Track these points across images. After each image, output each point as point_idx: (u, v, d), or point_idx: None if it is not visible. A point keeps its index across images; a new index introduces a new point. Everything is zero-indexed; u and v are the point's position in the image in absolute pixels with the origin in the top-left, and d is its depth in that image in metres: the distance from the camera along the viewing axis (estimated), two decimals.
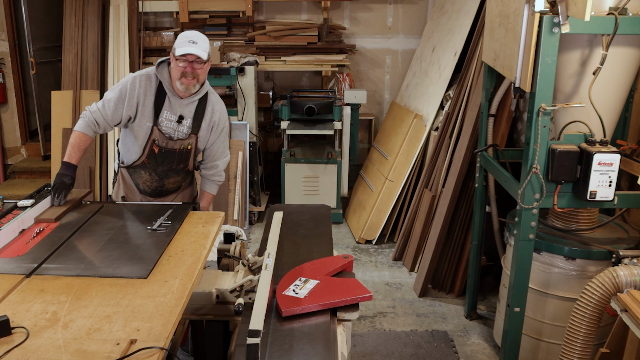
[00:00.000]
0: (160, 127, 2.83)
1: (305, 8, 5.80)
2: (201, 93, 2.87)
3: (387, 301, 3.95)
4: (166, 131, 2.84)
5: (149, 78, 2.82)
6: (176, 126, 2.85)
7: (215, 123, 2.95)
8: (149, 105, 2.80)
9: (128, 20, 5.27)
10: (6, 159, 6.07)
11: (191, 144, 2.89)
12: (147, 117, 2.81)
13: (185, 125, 2.87)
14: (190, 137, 2.88)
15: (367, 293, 2.11)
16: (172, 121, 2.84)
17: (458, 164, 3.86)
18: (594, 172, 2.53)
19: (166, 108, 2.83)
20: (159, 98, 2.81)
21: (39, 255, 2.20)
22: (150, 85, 2.81)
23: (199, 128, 2.89)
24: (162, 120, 2.83)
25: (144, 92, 2.79)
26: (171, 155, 2.89)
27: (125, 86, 2.80)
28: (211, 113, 2.92)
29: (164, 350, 1.65)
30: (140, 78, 2.81)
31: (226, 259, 2.63)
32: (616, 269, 2.31)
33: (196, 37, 2.72)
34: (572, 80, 2.68)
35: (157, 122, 2.82)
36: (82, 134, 2.82)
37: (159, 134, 2.83)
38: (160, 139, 2.84)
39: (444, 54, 4.83)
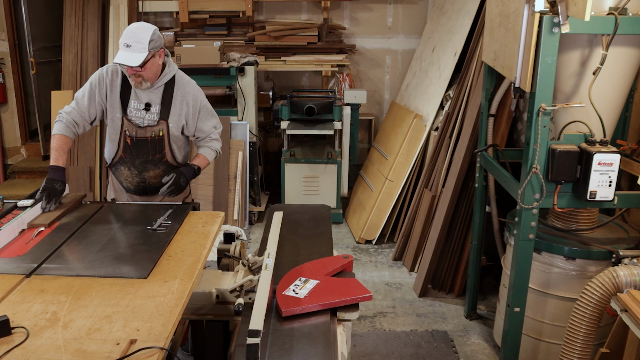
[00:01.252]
0: (129, 117, 2.84)
1: (305, 8, 5.80)
2: (165, 79, 2.84)
3: (387, 301, 3.95)
4: (135, 120, 2.84)
5: (115, 70, 2.84)
6: (144, 114, 2.84)
7: (189, 106, 2.90)
8: (117, 96, 2.83)
9: (128, 20, 5.27)
10: (6, 159, 6.07)
11: (162, 130, 2.86)
12: (117, 108, 2.83)
13: (153, 112, 2.85)
14: (159, 123, 2.85)
15: (367, 293, 2.11)
16: (139, 110, 2.84)
17: (458, 164, 3.86)
18: (594, 172, 2.53)
19: (133, 97, 2.83)
20: (125, 88, 2.82)
21: (39, 255, 2.20)
22: (116, 76, 2.83)
23: (168, 114, 2.86)
24: (130, 110, 2.84)
25: (111, 82, 2.82)
26: (144, 145, 2.87)
27: (95, 79, 2.83)
28: (181, 97, 2.88)
29: (164, 350, 1.65)
30: (107, 69, 2.84)
31: (226, 259, 2.63)
32: (616, 269, 2.31)
33: (132, 38, 2.64)
34: (572, 80, 2.68)
35: (126, 113, 2.84)
36: (62, 136, 2.78)
37: (128, 124, 2.84)
38: (130, 129, 2.84)
39: (444, 54, 4.83)
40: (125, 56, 2.63)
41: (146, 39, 2.64)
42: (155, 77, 2.80)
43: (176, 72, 2.90)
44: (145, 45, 2.64)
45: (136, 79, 2.74)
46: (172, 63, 2.88)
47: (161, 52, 2.77)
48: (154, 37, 2.68)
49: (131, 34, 2.64)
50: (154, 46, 2.69)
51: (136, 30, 2.66)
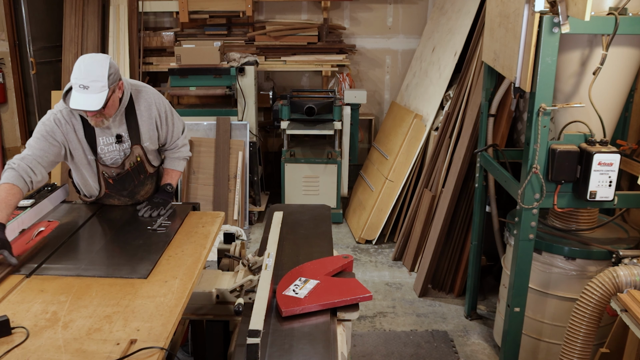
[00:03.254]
0: (102, 159, 2.61)
1: (305, 8, 5.80)
2: (124, 105, 2.56)
3: (387, 301, 3.95)
4: (110, 162, 2.62)
5: (68, 112, 2.51)
6: (118, 147, 2.60)
7: (158, 116, 2.67)
8: (82, 140, 2.55)
9: (128, 20, 5.27)
10: (6, 159, 6.07)
11: (140, 155, 2.66)
12: (86, 150, 2.57)
13: (126, 140, 2.61)
14: (133, 149, 2.63)
15: (367, 293, 2.11)
16: (111, 144, 2.59)
17: (458, 164, 3.86)
18: (594, 172, 2.53)
19: (99, 135, 2.56)
20: (87, 128, 2.54)
21: (39, 255, 2.20)
22: (74, 117, 2.52)
23: (139, 137, 2.63)
24: (101, 148, 2.58)
25: (72, 126, 2.52)
26: (127, 177, 2.68)
27: (50, 123, 2.49)
28: (146, 111, 2.63)
29: (164, 350, 1.65)
30: (61, 114, 2.51)
31: (226, 259, 2.63)
32: (616, 269, 2.31)
33: (88, 78, 2.29)
34: (572, 80, 2.68)
35: (97, 155, 2.58)
36: (11, 186, 2.32)
37: (103, 167, 2.62)
38: (107, 171, 2.63)
39: (444, 54, 4.83)
40: (83, 100, 2.30)
41: (104, 75, 2.31)
42: (115, 110, 2.50)
43: (131, 90, 2.60)
44: (105, 83, 2.31)
45: (97, 120, 2.43)
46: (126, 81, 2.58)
47: (120, 84, 2.46)
48: (111, 71, 2.35)
49: (86, 73, 2.29)
50: (113, 80, 2.37)
51: (90, 68, 2.31)
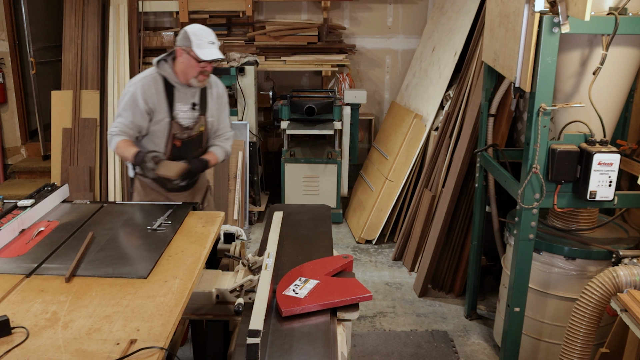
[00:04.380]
0: (177, 119, 2.93)
1: (305, 8, 5.80)
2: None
3: (387, 301, 3.95)
4: (184, 122, 2.94)
5: (153, 78, 2.90)
6: (191, 114, 2.96)
7: (220, 96, 3.09)
8: (163, 102, 2.89)
9: (128, 20, 5.27)
10: (6, 159, 6.07)
11: (203, 125, 3.01)
12: (164, 113, 2.90)
13: (197, 110, 2.99)
14: (200, 119, 2.99)
15: (367, 293, 2.11)
16: (186, 110, 2.94)
17: (458, 164, 3.86)
18: (594, 172, 2.53)
19: (177, 100, 2.92)
20: (169, 93, 2.91)
21: (39, 255, 2.20)
22: (157, 84, 2.89)
23: (205, 108, 3.02)
24: (177, 112, 2.93)
25: (155, 92, 2.88)
26: (192, 143, 3.00)
27: (135, 94, 2.85)
28: (215, 88, 3.06)
29: (164, 350, 1.65)
30: (146, 81, 2.88)
31: (226, 259, 2.63)
32: (616, 269, 2.31)
33: (212, 36, 2.84)
34: (572, 80, 2.68)
35: (174, 116, 2.92)
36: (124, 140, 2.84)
37: (177, 126, 2.92)
38: (179, 132, 2.94)
39: (444, 54, 4.83)
40: (217, 51, 2.82)
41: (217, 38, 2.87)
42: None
43: None
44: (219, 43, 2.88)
45: (205, 77, 2.89)
46: None
47: None
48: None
49: (209, 33, 2.84)
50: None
51: (209, 32, 2.85)
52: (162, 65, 2.91)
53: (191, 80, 2.89)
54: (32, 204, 2.58)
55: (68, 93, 5.19)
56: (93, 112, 5.18)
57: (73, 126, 5.15)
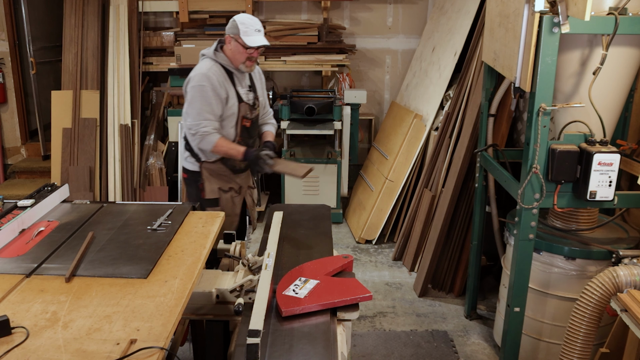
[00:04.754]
0: (245, 101, 3.12)
1: (305, 8, 5.80)
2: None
3: (387, 301, 3.95)
4: (248, 102, 3.14)
5: (218, 68, 3.04)
6: (250, 95, 3.17)
7: (261, 74, 3.30)
8: (231, 88, 3.07)
9: (128, 20, 5.27)
10: (6, 159, 6.07)
11: (257, 105, 3.22)
12: (234, 97, 3.07)
13: (252, 91, 3.18)
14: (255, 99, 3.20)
15: (367, 293, 2.11)
16: (246, 92, 3.14)
17: (458, 164, 3.86)
18: (594, 172, 2.53)
19: (237, 84, 3.11)
20: (230, 78, 3.08)
21: (39, 255, 2.20)
22: (220, 72, 3.05)
23: (255, 88, 3.22)
24: (242, 95, 3.11)
25: (223, 79, 3.04)
26: (255, 122, 3.24)
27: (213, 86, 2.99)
28: (257, 73, 3.27)
29: (164, 350, 1.65)
30: (213, 72, 3.01)
31: (226, 259, 2.63)
32: (616, 269, 2.31)
33: (258, 24, 3.00)
34: (572, 80, 2.68)
35: (241, 98, 3.10)
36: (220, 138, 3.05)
37: (245, 108, 3.11)
38: (248, 112, 3.13)
39: (444, 54, 4.83)
40: (263, 38, 2.98)
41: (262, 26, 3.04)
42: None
43: None
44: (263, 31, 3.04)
45: (252, 62, 3.06)
46: None
47: None
48: None
49: (256, 21, 3.00)
50: None
51: (255, 18, 3.01)
52: (218, 54, 3.05)
53: (240, 65, 3.04)
54: (32, 204, 2.58)
55: (68, 93, 5.19)
56: (93, 112, 5.18)
57: (73, 126, 5.15)
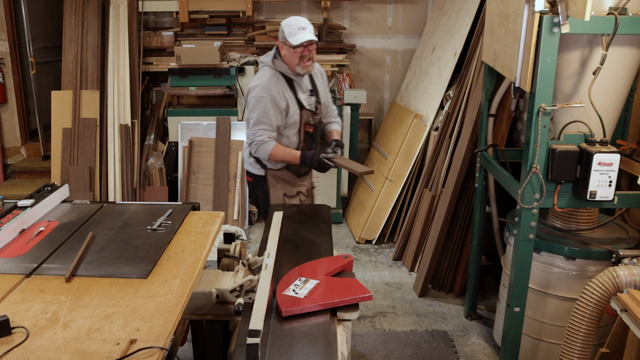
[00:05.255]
0: (306, 107, 3.12)
1: (305, 8, 5.80)
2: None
3: (387, 301, 3.95)
4: (310, 108, 3.13)
5: (276, 77, 3.06)
6: (312, 100, 3.15)
7: (321, 74, 3.25)
8: (291, 96, 3.07)
9: (128, 20, 5.27)
10: (6, 159, 6.07)
11: (319, 108, 3.20)
12: (295, 106, 3.09)
13: (313, 95, 3.17)
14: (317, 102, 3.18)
15: (367, 293, 2.11)
16: (307, 97, 3.13)
17: (458, 164, 3.86)
18: (594, 172, 2.53)
19: (298, 90, 3.10)
20: (290, 85, 3.09)
21: (39, 255, 2.20)
22: (280, 81, 3.07)
23: (317, 91, 3.19)
24: (303, 101, 3.11)
25: (282, 89, 3.06)
26: (318, 127, 3.22)
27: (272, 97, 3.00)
28: (319, 74, 3.23)
29: (164, 350, 1.65)
30: (272, 82, 3.03)
31: (226, 259, 2.63)
32: (616, 269, 2.31)
33: (302, 22, 2.98)
34: (572, 80, 2.68)
35: (302, 105, 3.10)
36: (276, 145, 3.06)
37: (307, 114, 3.11)
38: (310, 118, 3.13)
39: (444, 54, 4.83)
40: (307, 34, 2.94)
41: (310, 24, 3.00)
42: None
43: None
44: (312, 27, 2.99)
45: (308, 62, 3.02)
46: None
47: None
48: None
49: (300, 20, 2.99)
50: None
51: (300, 18, 3.01)
52: (276, 62, 3.07)
53: (296, 68, 3.03)
54: (32, 204, 2.58)
55: (68, 93, 5.19)
56: (93, 112, 5.18)
57: (73, 126, 5.15)
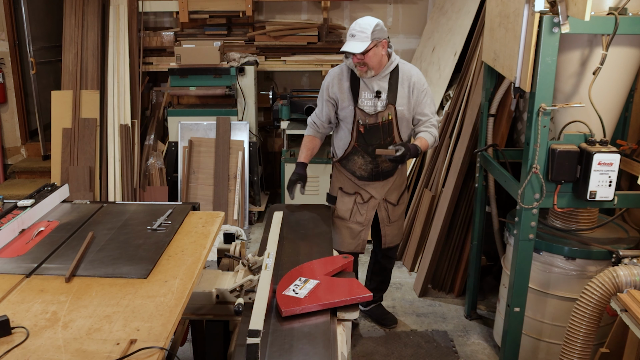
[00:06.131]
0: (361, 107, 3.06)
1: (305, 8, 5.80)
2: (391, 67, 3.04)
3: (387, 301, 3.95)
4: (367, 109, 3.05)
5: (340, 70, 3.11)
6: (375, 102, 3.05)
7: (413, 86, 3.07)
8: (346, 92, 3.07)
9: (128, 20, 5.27)
10: (6, 159, 6.07)
11: (391, 114, 3.06)
12: (348, 101, 3.07)
13: (383, 99, 3.05)
14: (387, 107, 3.04)
15: (367, 293, 2.11)
16: (371, 99, 3.05)
17: (458, 164, 3.86)
18: (594, 172, 2.53)
19: (363, 89, 3.05)
20: (354, 83, 3.06)
21: (39, 255, 2.20)
22: (342, 75, 3.09)
23: (395, 98, 3.05)
24: (362, 100, 3.06)
25: (338, 82, 3.08)
26: (376, 130, 3.08)
27: (325, 82, 3.14)
28: (407, 80, 3.07)
29: (164, 350, 1.65)
30: (332, 74, 3.13)
31: (226, 259, 2.63)
32: (616, 269, 2.31)
33: (356, 29, 2.89)
34: (572, 80, 2.68)
35: (358, 103, 3.06)
36: (307, 136, 3.24)
37: (360, 113, 3.05)
38: (362, 117, 3.06)
39: (444, 54, 4.83)
40: (349, 45, 2.89)
41: (369, 29, 2.86)
42: (379, 66, 2.99)
43: (399, 61, 3.09)
44: (368, 35, 2.85)
45: (361, 68, 2.96)
46: (395, 54, 3.08)
47: (384, 43, 2.95)
48: (377, 28, 2.88)
49: (356, 25, 2.91)
50: (377, 37, 2.88)
51: (360, 22, 2.91)
52: (347, 59, 3.05)
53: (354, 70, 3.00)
54: (32, 204, 2.58)
55: (68, 93, 5.19)
56: (93, 112, 5.18)
57: (73, 126, 5.15)
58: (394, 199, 3.28)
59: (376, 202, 3.23)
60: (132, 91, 5.21)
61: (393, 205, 3.28)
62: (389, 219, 3.31)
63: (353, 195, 3.22)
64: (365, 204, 3.22)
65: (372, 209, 3.25)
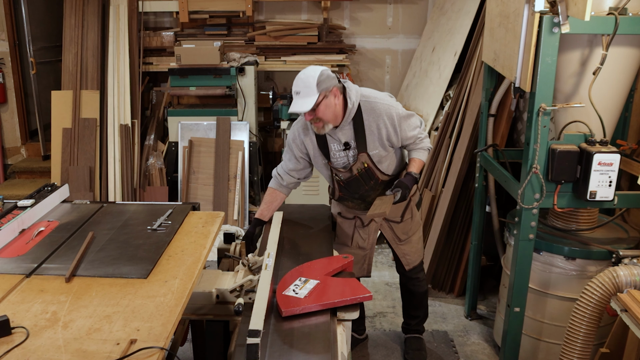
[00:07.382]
0: (334, 164, 2.85)
1: (305, 8, 5.80)
2: (352, 114, 2.73)
3: (387, 301, 3.95)
4: (341, 163, 2.84)
5: (303, 124, 2.87)
6: (347, 153, 2.81)
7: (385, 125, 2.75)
8: (315, 147, 2.86)
9: (128, 20, 5.27)
10: (6, 159, 6.07)
11: (366, 162, 2.80)
12: (320, 157, 2.87)
13: (353, 147, 2.79)
14: (360, 156, 2.78)
15: (367, 293, 2.11)
16: (340, 150, 2.82)
17: (458, 164, 3.86)
18: (594, 172, 2.53)
19: (330, 141, 2.81)
20: (320, 137, 2.82)
21: (39, 255, 2.21)
22: (307, 129, 2.86)
23: (364, 145, 2.77)
24: (333, 154, 2.83)
25: (305, 136, 2.87)
26: (356, 182, 2.86)
27: (289, 140, 2.93)
28: (375, 122, 2.75)
29: (164, 350, 1.65)
30: (297, 126, 2.91)
31: (226, 259, 2.63)
32: (616, 269, 2.31)
33: (299, 85, 2.62)
34: (572, 80, 2.68)
35: (330, 158, 2.84)
36: (269, 188, 3.00)
37: (335, 169, 2.86)
38: (338, 173, 2.87)
39: (444, 54, 4.83)
40: (296, 105, 2.62)
41: (313, 83, 2.57)
42: (336, 117, 2.70)
43: (361, 100, 2.76)
44: (313, 88, 2.57)
45: (317, 124, 2.69)
46: (353, 93, 2.72)
47: (335, 91, 2.65)
48: (321, 78, 2.59)
49: (298, 81, 2.63)
50: (324, 87, 2.60)
51: (302, 76, 2.63)
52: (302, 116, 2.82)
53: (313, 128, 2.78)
54: (32, 204, 2.59)
55: (68, 93, 5.19)
56: (93, 112, 5.18)
57: (73, 126, 5.15)
58: (396, 216, 3.03)
59: (377, 225, 3.06)
60: (132, 91, 5.21)
61: (397, 222, 3.05)
62: (398, 238, 3.08)
63: (352, 220, 3.05)
64: (366, 227, 3.05)
65: (375, 232, 3.08)
